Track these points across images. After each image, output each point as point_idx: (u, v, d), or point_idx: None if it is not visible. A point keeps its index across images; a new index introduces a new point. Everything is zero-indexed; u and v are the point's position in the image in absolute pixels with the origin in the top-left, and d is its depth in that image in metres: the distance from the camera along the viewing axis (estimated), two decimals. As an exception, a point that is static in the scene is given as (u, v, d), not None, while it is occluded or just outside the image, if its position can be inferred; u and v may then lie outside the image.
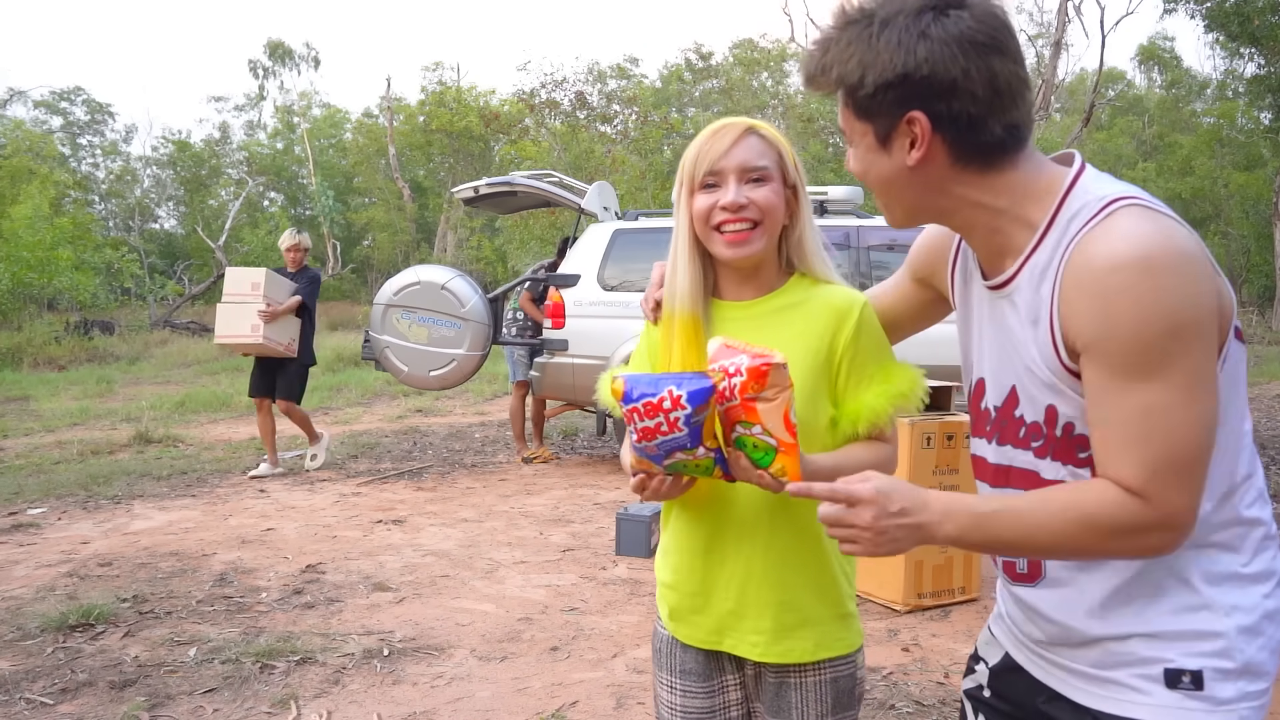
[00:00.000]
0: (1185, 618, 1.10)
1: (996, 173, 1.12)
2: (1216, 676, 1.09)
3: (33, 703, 3.10)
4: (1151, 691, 1.12)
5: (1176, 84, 32.70)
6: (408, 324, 6.97)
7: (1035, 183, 1.12)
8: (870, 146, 1.15)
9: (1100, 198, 1.06)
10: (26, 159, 26.13)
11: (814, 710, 1.47)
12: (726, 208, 1.42)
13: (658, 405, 1.24)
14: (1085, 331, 1.03)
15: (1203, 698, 1.09)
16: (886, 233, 7.01)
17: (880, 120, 1.12)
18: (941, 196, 1.15)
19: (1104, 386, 1.03)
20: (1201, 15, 15.98)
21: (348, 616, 3.90)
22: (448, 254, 28.85)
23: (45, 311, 20.45)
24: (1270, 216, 21.73)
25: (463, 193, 7.82)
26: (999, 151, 1.11)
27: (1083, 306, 1.03)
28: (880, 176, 1.16)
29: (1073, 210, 1.08)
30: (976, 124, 1.09)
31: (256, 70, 35.37)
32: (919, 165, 1.12)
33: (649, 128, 24.42)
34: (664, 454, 1.27)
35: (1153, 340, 0.99)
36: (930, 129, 1.09)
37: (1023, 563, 1.22)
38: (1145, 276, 0.99)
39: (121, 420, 9.47)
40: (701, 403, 1.24)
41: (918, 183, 1.14)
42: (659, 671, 1.55)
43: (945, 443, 3.79)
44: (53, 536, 5.17)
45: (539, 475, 6.84)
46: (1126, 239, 1.01)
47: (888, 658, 3.43)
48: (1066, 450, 1.12)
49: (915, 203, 1.17)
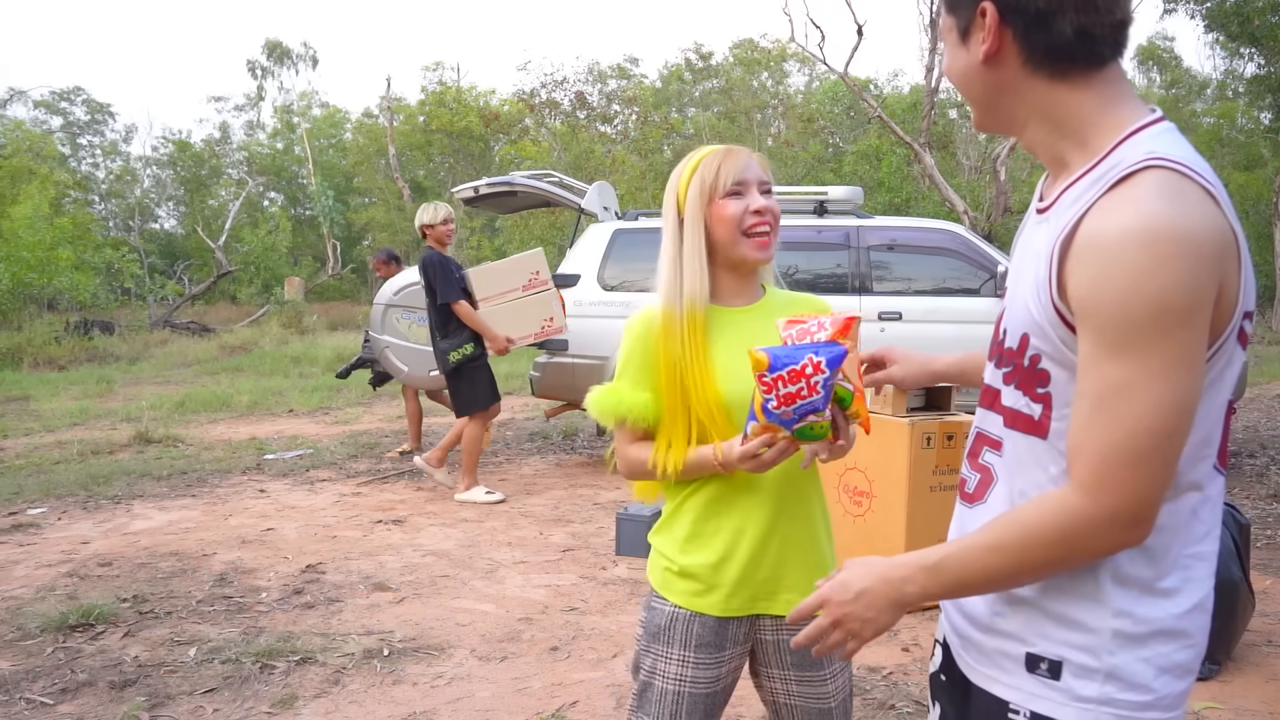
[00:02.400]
0: (1070, 605, 1.10)
1: (1067, 85, 1.10)
2: (1075, 671, 1.09)
3: (33, 703, 3.10)
4: (1013, 671, 1.14)
5: (1176, 84, 32.70)
6: (408, 324, 6.97)
7: (1105, 114, 1.09)
8: (954, 42, 1.16)
9: (1146, 152, 1.03)
10: (26, 159, 26.14)
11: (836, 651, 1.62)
12: (760, 211, 1.62)
13: (800, 371, 1.37)
14: (1078, 293, 1.03)
15: (1058, 688, 1.10)
16: (886, 233, 7.00)
17: (961, 13, 1.14)
18: (1013, 100, 1.14)
19: (1087, 358, 1.02)
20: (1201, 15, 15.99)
21: (348, 616, 3.90)
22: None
23: (45, 311, 20.45)
24: (1270, 216, 21.73)
25: (463, 193, 7.82)
26: (1070, 60, 1.09)
27: (1083, 267, 1.02)
28: (960, 72, 1.17)
29: (1120, 155, 1.05)
30: (1044, 19, 1.07)
31: (255, 70, 35.40)
32: (990, 60, 1.12)
33: (649, 128, 24.44)
34: (798, 417, 1.40)
35: (1136, 317, 0.97)
36: (998, 20, 1.09)
37: (971, 481, 1.24)
38: (1143, 250, 0.97)
39: (121, 420, 9.47)
40: (838, 366, 1.37)
41: (991, 80, 1.14)
42: (665, 648, 1.64)
43: (945, 442, 3.79)
44: (53, 536, 5.17)
45: (539, 475, 6.84)
46: (1138, 208, 0.99)
47: (888, 658, 3.43)
48: (1029, 381, 1.13)
49: (989, 102, 1.17)
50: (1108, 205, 1.01)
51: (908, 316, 6.57)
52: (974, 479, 1.24)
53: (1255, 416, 9.15)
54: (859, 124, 25.56)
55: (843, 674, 1.69)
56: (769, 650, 1.67)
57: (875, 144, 22.90)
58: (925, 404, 3.98)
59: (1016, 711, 1.13)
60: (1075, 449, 1.04)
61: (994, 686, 1.15)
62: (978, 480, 1.23)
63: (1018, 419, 1.15)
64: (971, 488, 1.24)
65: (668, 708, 1.63)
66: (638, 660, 1.69)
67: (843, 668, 1.70)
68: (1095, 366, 1.01)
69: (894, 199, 21.14)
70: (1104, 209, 1.01)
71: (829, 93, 29.55)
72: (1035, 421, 1.12)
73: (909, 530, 3.80)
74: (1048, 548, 1.04)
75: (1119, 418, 0.99)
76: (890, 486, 3.85)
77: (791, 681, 1.67)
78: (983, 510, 1.21)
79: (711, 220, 1.62)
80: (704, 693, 1.63)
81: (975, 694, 1.19)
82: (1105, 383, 1.00)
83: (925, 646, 3.52)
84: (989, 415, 1.22)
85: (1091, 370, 1.02)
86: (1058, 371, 1.09)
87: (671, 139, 26.48)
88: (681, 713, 1.63)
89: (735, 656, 1.66)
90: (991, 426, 1.21)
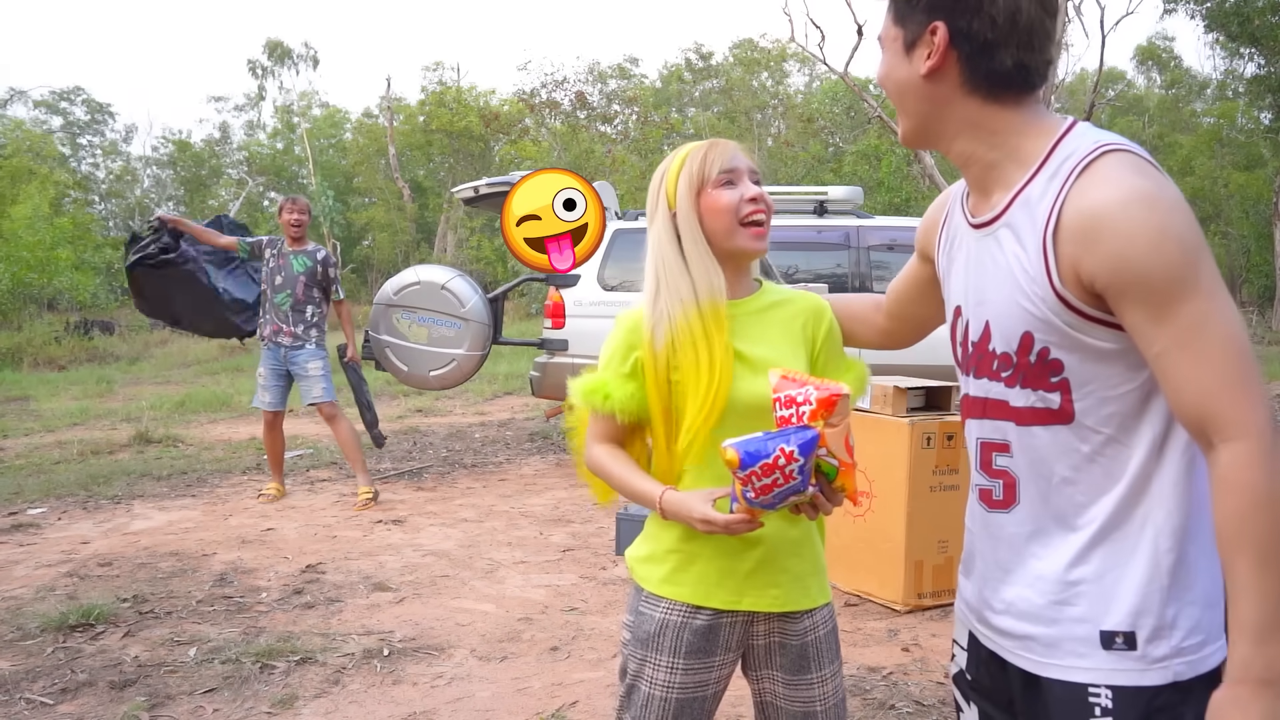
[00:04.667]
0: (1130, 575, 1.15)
1: (999, 106, 1.19)
2: (1148, 635, 1.13)
3: (33, 703, 3.10)
4: (1089, 654, 1.16)
5: (1176, 84, 32.72)
6: (408, 324, 6.97)
7: (1034, 124, 1.19)
8: (896, 52, 1.23)
9: (1094, 141, 1.13)
10: (26, 159, 26.14)
11: (826, 655, 1.64)
12: (755, 199, 1.56)
13: (773, 464, 1.36)
14: (1104, 273, 1.08)
15: (1135, 657, 1.13)
16: (886, 233, 7.01)
17: (910, 26, 1.20)
18: (947, 115, 1.22)
19: (1149, 320, 1.07)
20: (1201, 15, 16.00)
21: (348, 616, 3.90)
22: (448, 254, 28.85)
23: (45, 311, 20.46)
24: (1270, 216, 21.73)
25: (463, 193, 7.82)
26: (1006, 85, 1.18)
27: (1096, 248, 1.08)
28: (898, 82, 1.24)
29: (1067, 151, 1.14)
30: (990, 48, 1.16)
31: (256, 70, 35.39)
32: (931, 75, 1.19)
33: (649, 128, 24.44)
34: (779, 500, 1.39)
35: (1174, 265, 1.05)
36: (947, 41, 1.17)
37: (996, 489, 1.26)
38: (1152, 212, 1.06)
39: (121, 420, 9.46)
40: (811, 452, 1.37)
41: (927, 94, 1.21)
42: (655, 655, 1.59)
43: (945, 442, 3.79)
44: (53, 536, 5.17)
45: (539, 475, 6.84)
46: (1120, 183, 1.08)
47: (888, 658, 3.43)
48: (1039, 375, 1.17)
49: (923, 115, 1.24)
50: (1086, 188, 1.10)
51: (908, 316, 6.55)
52: (998, 486, 1.26)
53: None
54: (859, 124, 25.55)
55: (833, 679, 1.64)
56: (760, 653, 1.63)
57: (875, 144, 22.89)
58: (925, 404, 3.98)
59: (1097, 692, 1.15)
60: (1201, 401, 1.07)
61: (1070, 674, 1.17)
62: (1002, 486, 1.26)
63: (1036, 415, 1.19)
64: (999, 495, 1.26)
65: (654, 713, 1.59)
66: (624, 663, 1.65)
67: (833, 673, 1.64)
68: (1162, 323, 1.07)
69: (894, 199, 21.15)
70: (1081, 193, 1.10)
71: (829, 93, 29.55)
72: (1056, 411, 1.17)
73: (909, 530, 3.80)
74: (1277, 503, 1.04)
75: (1215, 349, 1.06)
76: (890, 486, 3.85)
77: (779, 683, 1.62)
78: (1019, 511, 1.24)
79: (704, 212, 1.55)
80: (691, 698, 1.59)
81: (1047, 687, 1.20)
82: (1181, 331, 1.06)
83: (926, 646, 3.52)
84: (985, 424, 1.26)
85: (1158, 329, 1.07)
86: (1069, 358, 1.15)
87: (671, 139, 26.45)
88: (668, 718, 1.59)
89: (727, 663, 1.62)
90: (993, 433, 1.25)
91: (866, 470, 3.92)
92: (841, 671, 1.69)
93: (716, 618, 1.58)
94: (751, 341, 1.58)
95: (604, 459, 1.62)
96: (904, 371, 4.39)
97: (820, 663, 1.63)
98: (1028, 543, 1.23)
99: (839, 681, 1.67)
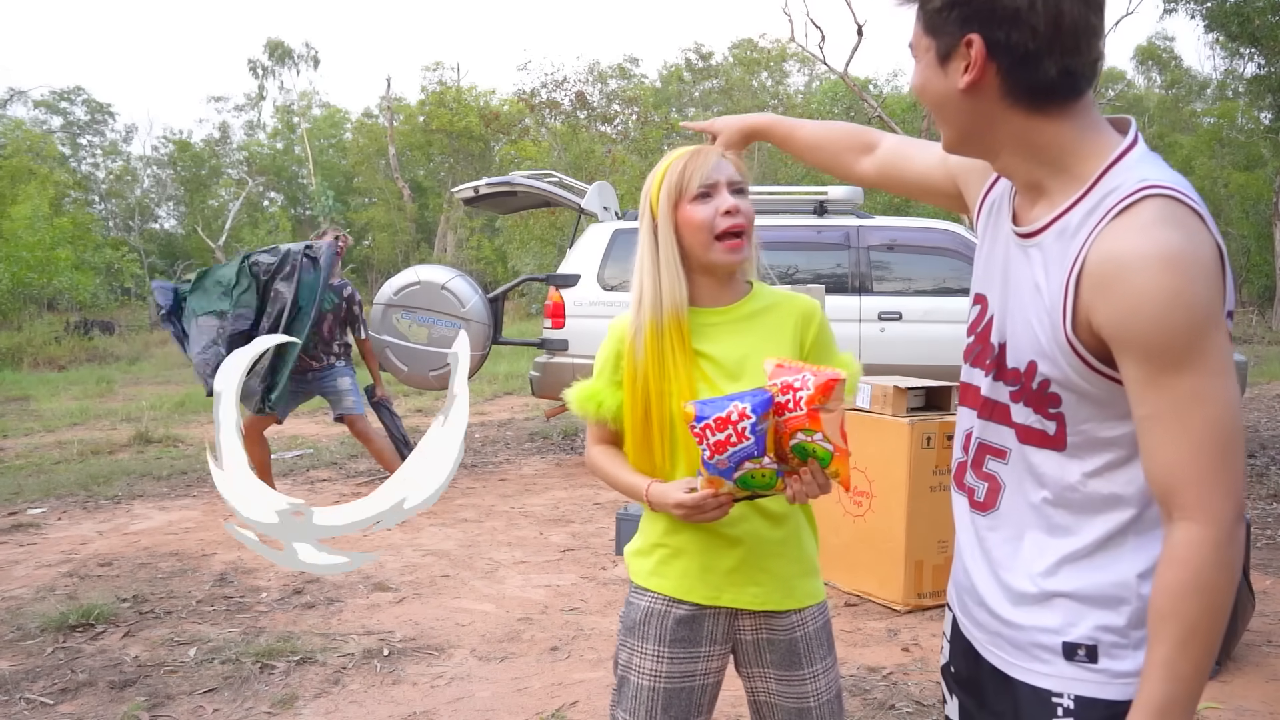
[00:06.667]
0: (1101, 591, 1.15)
1: (1045, 118, 1.12)
2: (1109, 651, 1.13)
3: (33, 703, 3.10)
4: (1052, 661, 1.16)
5: (1176, 84, 32.70)
6: (408, 324, 6.97)
7: (1083, 142, 1.12)
8: (930, 63, 1.16)
9: (1139, 179, 1.06)
10: (26, 159, 26.14)
11: (818, 650, 1.65)
12: (730, 212, 1.56)
13: (726, 419, 1.38)
14: (1110, 325, 1.06)
15: (1097, 670, 1.14)
16: (886, 233, 7.01)
17: (943, 38, 1.12)
18: (989, 130, 1.15)
19: (1143, 381, 1.06)
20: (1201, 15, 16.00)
21: (348, 616, 3.90)
22: (448, 254, 28.86)
23: (45, 311, 20.45)
24: (1270, 216, 21.73)
25: (463, 193, 7.82)
26: (1050, 95, 1.10)
27: (1110, 300, 1.05)
28: (935, 95, 1.17)
29: (1112, 184, 1.08)
30: (1031, 59, 1.08)
31: (256, 70, 35.40)
32: (969, 90, 1.12)
33: (649, 128, 24.43)
34: (734, 465, 1.40)
35: (1180, 333, 1.02)
36: (985, 54, 1.09)
37: (980, 490, 1.26)
38: (1168, 274, 1.01)
39: (121, 420, 9.46)
40: (765, 411, 1.39)
41: (967, 108, 1.14)
42: (640, 643, 1.63)
43: (945, 443, 3.79)
44: (53, 536, 5.17)
45: (539, 475, 6.84)
46: (1149, 236, 1.03)
47: (888, 658, 3.43)
48: (1038, 402, 1.16)
49: (964, 128, 1.17)
50: (1116, 235, 1.05)
51: (907, 316, 6.57)
52: (982, 488, 1.27)
53: (1255, 416, 9.15)
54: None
55: (826, 675, 1.64)
56: (749, 650, 1.64)
57: (875, 144, 22.83)
58: (925, 404, 3.98)
59: (1060, 697, 1.16)
60: (1170, 477, 1.05)
61: (1034, 678, 1.18)
62: (986, 489, 1.26)
63: (1031, 434, 1.19)
64: (981, 496, 1.27)
65: (643, 704, 1.61)
66: (616, 654, 1.69)
67: (826, 668, 1.65)
68: (1154, 388, 1.05)
69: (894, 199, 21.15)
70: (1113, 238, 1.05)
71: (829, 93, 29.54)
72: (1051, 437, 1.16)
73: (909, 530, 3.80)
74: (1215, 592, 1.05)
75: (1200, 428, 1.04)
76: (890, 486, 3.85)
77: (771, 679, 1.63)
78: (997, 517, 1.24)
79: (680, 225, 1.57)
80: (679, 688, 1.61)
81: (1016, 686, 1.21)
82: (1172, 401, 1.04)
83: (925, 646, 3.52)
84: (989, 425, 1.25)
85: (1150, 392, 1.05)
86: (1067, 395, 1.13)
87: (671, 139, 26.43)
88: (657, 709, 1.61)
89: (715, 656, 1.63)
90: (993, 437, 1.24)
91: (866, 470, 3.92)
92: (836, 667, 1.69)
93: (699, 609, 1.62)
94: (729, 346, 1.61)
95: (599, 459, 1.70)
96: (904, 371, 4.38)
97: (812, 658, 1.63)
98: (1002, 548, 1.23)
99: (833, 677, 1.67)
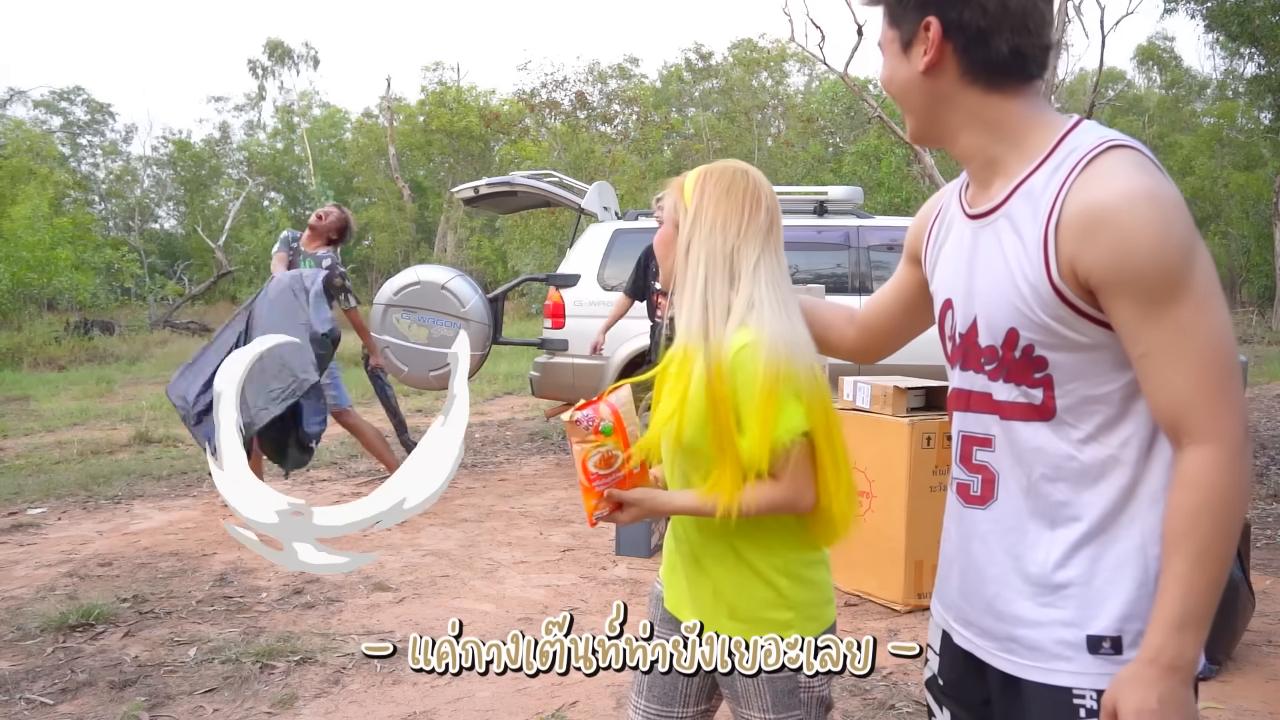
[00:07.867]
0: (1120, 579, 1.15)
1: (1001, 96, 1.19)
2: (1134, 640, 1.14)
3: (33, 703, 3.10)
4: (1075, 657, 1.16)
5: (1176, 84, 32.68)
6: (408, 324, 6.96)
7: (1037, 119, 1.20)
8: (895, 54, 1.25)
9: (1099, 136, 1.14)
10: (26, 159, 26.10)
11: (756, 703, 1.57)
12: None
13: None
14: (1101, 268, 1.08)
15: (1121, 662, 1.13)
16: (886, 233, 7.01)
17: (905, 26, 1.21)
18: (950, 109, 1.22)
19: (1139, 318, 1.08)
20: (1201, 15, 16.00)
21: (348, 616, 3.90)
22: (448, 254, 28.84)
23: (45, 311, 20.43)
24: (1270, 216, 21.71)
25: (463, 193, 7.82)
26: (1004, 74, 1.18)
27: (1099, 244, 1.08)
28: (899, 82, 1.25)
29: (1072, 145, 1.15)
30: (983, 37, 1.16)
31: (256, 70, 35.36)
32: (929, 71, 1.20)
33: (649, 128, 24.42)
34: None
35: (1173, 265, 1.06)
36: (941, 34, 1.18)
37: (974, 484, 1.27)
38: (1156, 211, 1.06)
39: (121, 420, 9.46)
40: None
41: (929, 90, 1.22)
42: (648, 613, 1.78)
43: (945, 442, 3.79)
44: (53, 536, 5.17)
45: (539, 475, 6.85)
46: (1125, 178, 1.08)
47: (887, 658, 3.42)
48: (1022, 370, 1.18)
49: (926, 111, 1.24)
50: (1090, 183, 1.10)
51: (908, 316, 6.55)
52: (976, 481, 1.27)
53: (1255, 416, 9.15)
54: (859, 124, 25.56)
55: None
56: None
57: (875, 144, 22.90)
58: (925, 404, 3.98)
59: (1082, 695, 1.15)
60: (1177, 405, 1.08)
61: (1054, 677, 1.17)
62: (980, 481, 1.26)
63: (1017, 409, 1.20)
64: (976, 490, 1.27)
65: (637, 671, 1.74)
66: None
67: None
68: (1151, 322, 1.08)
69: (894, 199, 21.17)
70: (1088, 187, 1.10)
71: (829, 93, 29.55)
72: (1038, 407, 1.18)
73: (909, 530, 3.80)
74: (1229, 510, 1.08)
75: (1200, 353, 1.07)
76: (890, 486, 3.85)
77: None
78: (996, 508, 1.24)
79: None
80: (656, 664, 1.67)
81: (1027, 689, 1.20)
82: (1171, 331, 1.07)
83: (925, 647, 3.52)
84: (968, 416, 1.27)
85: (1147, 327, 1.08)
86: (1054, 354, 1.15)
87: (671, 139, 26.47)
88: (643, 685, 1.74)
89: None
90: (975, 426, 1.25)
91: (867, 470, 3.92)
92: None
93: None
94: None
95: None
96: (904, 371, 4.39)
97: (747, 701, 1.57)
98: (1005, 540, 1.23)
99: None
